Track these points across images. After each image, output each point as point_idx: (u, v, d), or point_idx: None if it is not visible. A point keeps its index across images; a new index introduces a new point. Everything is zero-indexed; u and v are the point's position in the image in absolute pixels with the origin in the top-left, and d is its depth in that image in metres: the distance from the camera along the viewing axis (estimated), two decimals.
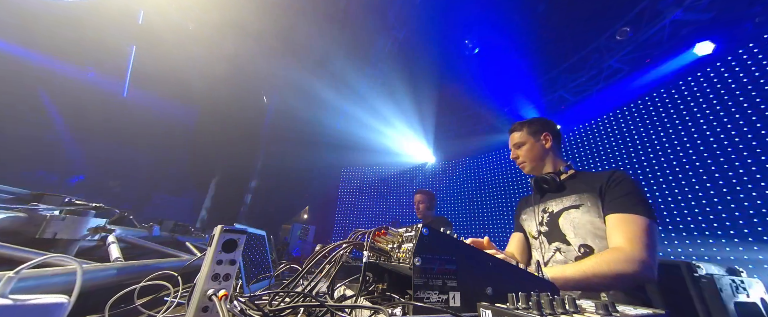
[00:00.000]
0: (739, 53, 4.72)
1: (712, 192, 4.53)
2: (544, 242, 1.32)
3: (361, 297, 0.74)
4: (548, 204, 1.37)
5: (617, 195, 1.13)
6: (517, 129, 1.55)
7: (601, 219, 1.15)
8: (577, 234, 1.20)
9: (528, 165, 1.48)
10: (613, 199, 1.14)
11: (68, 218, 1.37)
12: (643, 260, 0.95)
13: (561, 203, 1.31)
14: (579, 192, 1.26)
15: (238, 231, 0.65)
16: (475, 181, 9.10)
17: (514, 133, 1.55)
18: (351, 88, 8.20)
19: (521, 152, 1.50)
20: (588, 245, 1.16)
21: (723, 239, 4.25)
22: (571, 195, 1.28)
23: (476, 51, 7.11)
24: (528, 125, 1.52)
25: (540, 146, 1.48)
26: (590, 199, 1.20)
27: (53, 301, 0.45)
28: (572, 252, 1.20)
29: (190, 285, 0.69)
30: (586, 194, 1.23)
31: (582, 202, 1.22)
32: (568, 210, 1.26)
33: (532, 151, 1.47)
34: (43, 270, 0.77)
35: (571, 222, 1.23)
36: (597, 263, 0.98)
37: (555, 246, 1.26)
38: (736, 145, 4.44)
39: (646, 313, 0.52)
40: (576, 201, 1.25)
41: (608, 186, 1.18)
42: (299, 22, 6.56)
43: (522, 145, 1.50)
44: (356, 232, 0.91)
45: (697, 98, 5.12)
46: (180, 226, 2.69)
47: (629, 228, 1.04)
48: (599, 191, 1.19)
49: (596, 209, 1.17)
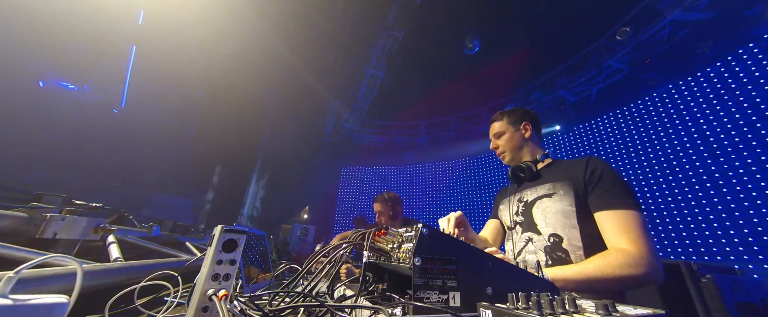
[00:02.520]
0: (739, 53, 4.72)
1: (712, 193, 4.53)
2: (518, 232, 1.31)
3: (361, 297, 0.74)
4: (524, 193, 1.36)
5: (604, 188, 1.12)
6: (498, 119, 1.52)
7: (572, 206, 1.15)
8: (547, 223, 1.20)
9: (508, 155, 1.47)
10: (601, 194, 1.12)
11: (68, 218, 1.37)
12: (651, 262, 0.94)
13: (535, 192, 1.30)
14: (553, 181, 1.25)
15: (238, 231, 0.65)
16: (474, 181, 9.11)
17: (495, 123, 1.53)
18: (351, 87, 8.20)
19: (501, 142, 1.48)
20: (557, 234, 1.16)
21: (723, 239, 4.24)
22: (546, 183, 1.27)
23: (476, 50, 7.11)
24: (508, 114, 1.50)
25: (520, 135, 1.46)
26: (563, 187, 1.20)
27: (53, 301, 0.45)
28: (542, 241, 1.20)
29: (190, 285, 0.69)
30: (560, 182, 1.22)
31: (555, 191, 1.21)
32: (541, 199, 1.25)
33: (511, 140, 1.45)
34: (43, 270, 0.77)
35: (543, 212, 1.22)
36: (602, 266, 0.96)
37: (527, 236, 1.26)
38: (736, 145, 4.44)
39: (646, 313, 0.52)
40: (550, 189, 1.24)
41: (590, 179, 1.16)
42: (299, 23, 6.56)
43: (501, 135, 1.48)
44: (357, 232, 0.91)
45: (697, 98, 5.12)
46: (180, 226, 2.69)
47: (627, 226, 1.02)
48: (575, 180, 1.18)
49: (569, 197, 1.16)
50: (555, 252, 1.15)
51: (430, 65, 8.12)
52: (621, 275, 0.93)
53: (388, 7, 6.08)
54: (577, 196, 1.16)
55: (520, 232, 1.31)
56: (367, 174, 10.66)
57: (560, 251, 1.14)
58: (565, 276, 0.98)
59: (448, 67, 8.08)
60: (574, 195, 1.16)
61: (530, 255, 1.23)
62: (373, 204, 2.90)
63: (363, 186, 10.49)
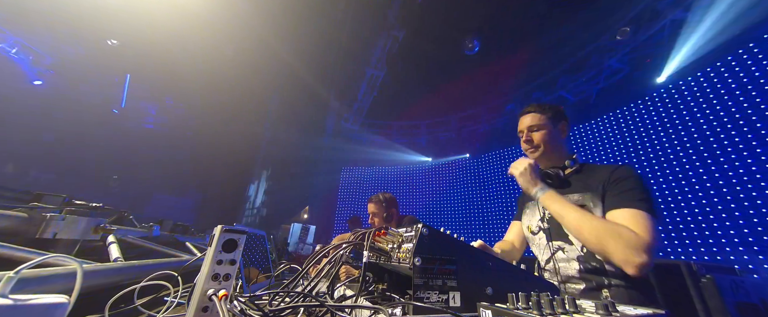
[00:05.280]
0: (739, 53, 4.72)
1: (712, 193, 4.53)
2: (544, 238, 1.28)
3: (361, 297, 0.74)
4: None
5: (620, 190, 1.09)
6: (534, 111, 1.41)
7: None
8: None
9: (541, 152, 1.37)
10: (615, 194, 1.09)
11: (68, 218, 1.37)
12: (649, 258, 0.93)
13: None
14: (582, 192, 1.22)
15: (238, 231, 0.65)
16: (475, 181, 9.11)
17: (530, 115, 1.41)
18: (351, 87, 8.20)
19: (537, 136, 1.37)
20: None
21: (723, 239, 4.24)
22: (575, 194, 1.23)
23: (476, 50, 7.11)
24: (548, 109, 1.40)
25: (557, 134, 1.38)
26: (592, 200, 1.16)
27: (53, 301, 0.45)
28: (575, 251, 1.18)
29: (190, 285, 0.69)
30: (589, 194, 1.19)
31: (584, 203, 1.18)
32: None
33: (549, 137, 1.36)
34: (43, 270, 0.77)
35: None
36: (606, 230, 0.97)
37: (557, 245, 1.23)
38: (736, 144, 4.44)
39: (646, 313, 0.52)
40: (578, 201, 1.20)
41: (610, 183, 1.13)
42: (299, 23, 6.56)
43: (538, 129, 1.37)
44: (356, 232, 0.91)
45: (697, 98, 5.12)
46: (180, 226, 2.69)
47: (636, 220, 0.99)
48: (602, 191, 1.14)
49: (598, 210, 1.13)
50: (590, 262, 1.13)
51: (430, 65, 8.12)
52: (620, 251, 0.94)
53: (388, 7, 6.08)
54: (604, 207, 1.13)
55: (546, 239, 1.27)
56: (367, 174, 10.66)
57: (594, 261, 1.12)
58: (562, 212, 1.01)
59: (448, 67, 8.08)
60: (602, 207, 1.13)
61: (562, 262, 1.20)
62: (367, 205, 2.80)
63: (363, 186, 10.49)
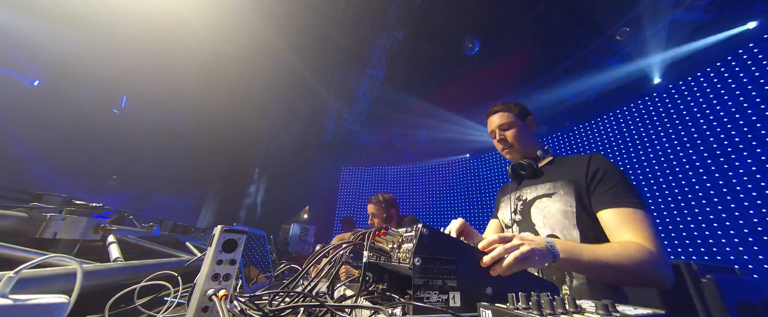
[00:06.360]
0: (739, 53, 4.72)
1: (712, 193, 4.53)
2: (516, 231, 1.26)
3: (361, 297, 0.74)
4: (523, 191, 1.32)
5: (607, 187, 1.07)
6: (501, 110, 1.41)
7: (572, 207, 1.10)
8: (545, 223, 1.16)
9: (515, 150, 1.37)
10: (603, 192, 1.07)
11: (68, 218, 1.37)
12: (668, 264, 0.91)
13: (535, 191, 1.26)
14: (554, 180, 1.21)
15: (238, 231, 0.65)
16: (475, 181, 9.12)
17: (497, 114, 1.41)
18: (351, 87, 8.20)
19: (509, 135, 1.37)
20: (555, 235, 1.12)
21: (723, 239, 4.24)
22: (547, 182, 1.23)
23: (476, 50, 7.11)
24: (513, 106, 1.41)
25: (527, 130, 1.39)
26: (564, 187, 1.16)
27: (53, 301, 0.45)
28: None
29: (190, 285, 0.69)
30: (560, 181, 1.18)
31: (555, 191, 1.17)
32: (540, 199, 1.22)
33: (520, 133, 1.36)
34: (43, 270, 0.77)
35: (542, 212, 1.19)
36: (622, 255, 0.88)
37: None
38: (736, 144, 4.44)
39: (646, 313, 0.52)
40: (550, 189, 1.20)
41: (592, 179, 1.11)
42: (299, 23, 6.56)
43: (509, 128, 1.37)
44: (356, 232, 0.91)
45: (697, 98, 5.12)
46: (180, 226, 2.69)
47: (636, 224, 0.97)
48: (576, 180, 1.14)
49: (569, 198, 1.12)
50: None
51: (430, 65, 8.11)
52: (640, 271, 0.87)
53: (388, 7, 6.08)
54: (579, 197, 1.12)
55: (519, 231, 1.26)
56: (367, 174, 10.66)
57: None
58: (580, 256, 0.87)
59: (448, 67, 8.08)
60: (575, 195, 1.12)
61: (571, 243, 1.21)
62: (367, 206, 2.81)
63: (363, 186, 10.49)
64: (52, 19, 6.29)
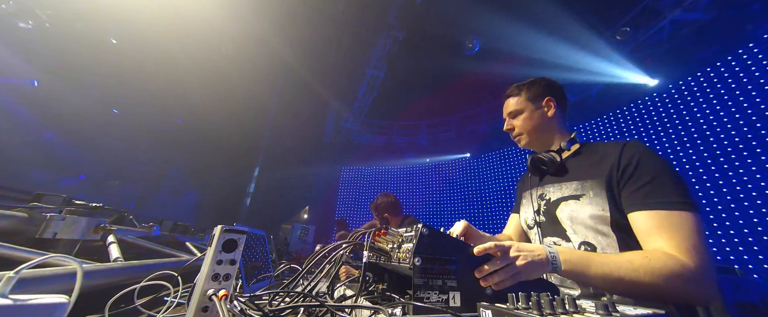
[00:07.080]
0: (739, 53, 4.72)
1: (712, 193, 4.53)
2: (539, 234, 1.14)
3: (361, 297, 0.74)
4: (546, 189, 1.15)
5: (641, 182, 0.89)
6: (514, 93, 1.27)
7: (605, 211, 0.93)
8: (576, 230, 1.02)
9: (525, 138, 1.23)
10: (636, 189, 0.89)
11: (68, 218, 1.37)
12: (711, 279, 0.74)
13: (560, 191, 1.09)
14: (582, 179, 1.04)
15: (238, 231, 0.65)
16: (475, 181, 9.11)
17: (510, 99, 1.27)
18: (351, 88, 8.20)
19: (517, 122, 1.23)
20: (589, 243, 0.98)
21: (723, 239, 4.24)
22: (573, 182, 1.06)
23: (476, 50, 7.11)
24: (527, 88, 1.25)
25: (541, 114, 1.21)
26: (594, 188, 0.98)
27: (53, 301, 0.45)
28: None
29: (190, 285, 0.69)
30: (590, 181, 1.00)
31: (584, 192, 1.00)
32: (566, 201, 1.05)
33: (530, 120, 1.21)
34: (43, 270, 0.77)
35: (569, 215, 1.03)
36: (643, 270, 0.75)
37: (552, 241, 1.09)
38: (736, 145, 4.44)
39: (646, 313, 0.52)
40: (577, 190, 1.03)
41: (624, 171, 0.93)
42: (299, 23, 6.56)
43: (518, 114, 1.23)
44: (356, 232, 0.91)
45: (697, 98, 5.12)
46: (180, 226, 2.68)
47: (672, 232, 0.80)
48: (608, 176, 0.96)
49: (600, 199, 0.95)
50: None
51: (430, 65, 8.11)
52: (667, 288, 0.74)
53: (388, 7, 6.08)
54: (612, 197, 0.94)
55: (542, 234, 1.14)
56: (367, 174, 10.66)
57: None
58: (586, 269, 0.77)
59: (448, 66, 8.08)
60: (608, 196, 0.94)
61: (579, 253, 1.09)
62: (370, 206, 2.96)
63: (363, 186, 10.49)
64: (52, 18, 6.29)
